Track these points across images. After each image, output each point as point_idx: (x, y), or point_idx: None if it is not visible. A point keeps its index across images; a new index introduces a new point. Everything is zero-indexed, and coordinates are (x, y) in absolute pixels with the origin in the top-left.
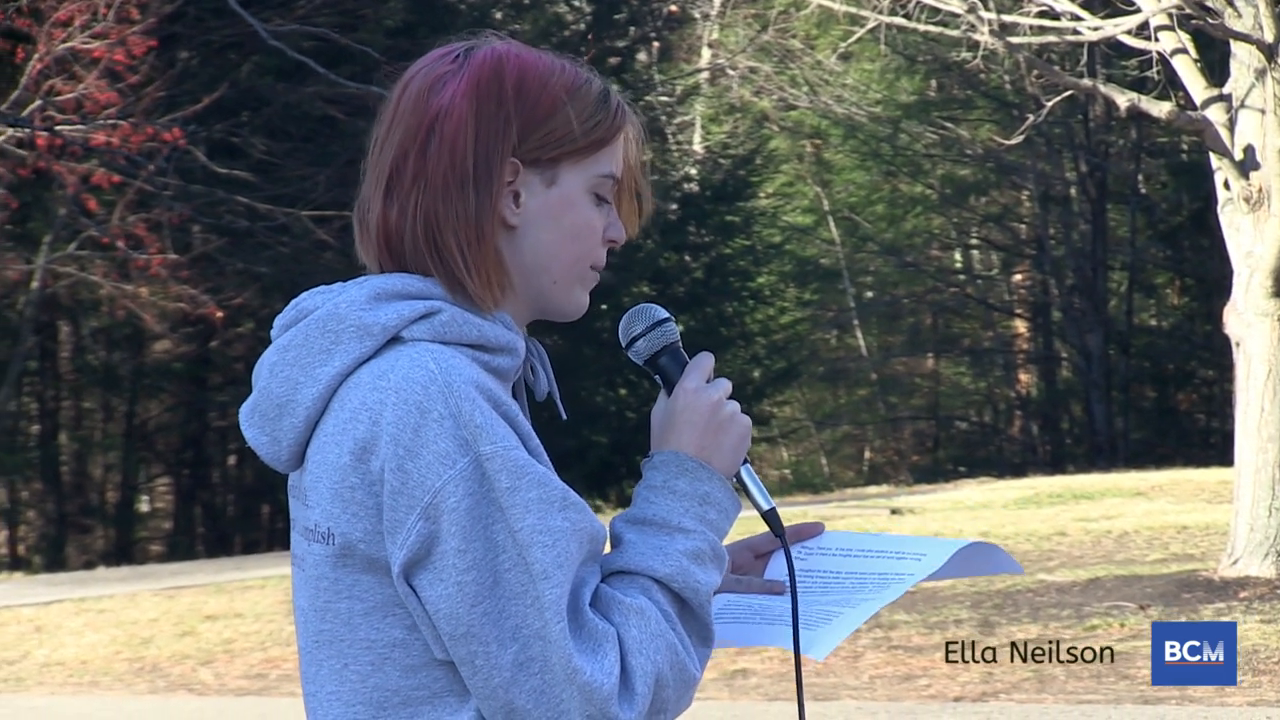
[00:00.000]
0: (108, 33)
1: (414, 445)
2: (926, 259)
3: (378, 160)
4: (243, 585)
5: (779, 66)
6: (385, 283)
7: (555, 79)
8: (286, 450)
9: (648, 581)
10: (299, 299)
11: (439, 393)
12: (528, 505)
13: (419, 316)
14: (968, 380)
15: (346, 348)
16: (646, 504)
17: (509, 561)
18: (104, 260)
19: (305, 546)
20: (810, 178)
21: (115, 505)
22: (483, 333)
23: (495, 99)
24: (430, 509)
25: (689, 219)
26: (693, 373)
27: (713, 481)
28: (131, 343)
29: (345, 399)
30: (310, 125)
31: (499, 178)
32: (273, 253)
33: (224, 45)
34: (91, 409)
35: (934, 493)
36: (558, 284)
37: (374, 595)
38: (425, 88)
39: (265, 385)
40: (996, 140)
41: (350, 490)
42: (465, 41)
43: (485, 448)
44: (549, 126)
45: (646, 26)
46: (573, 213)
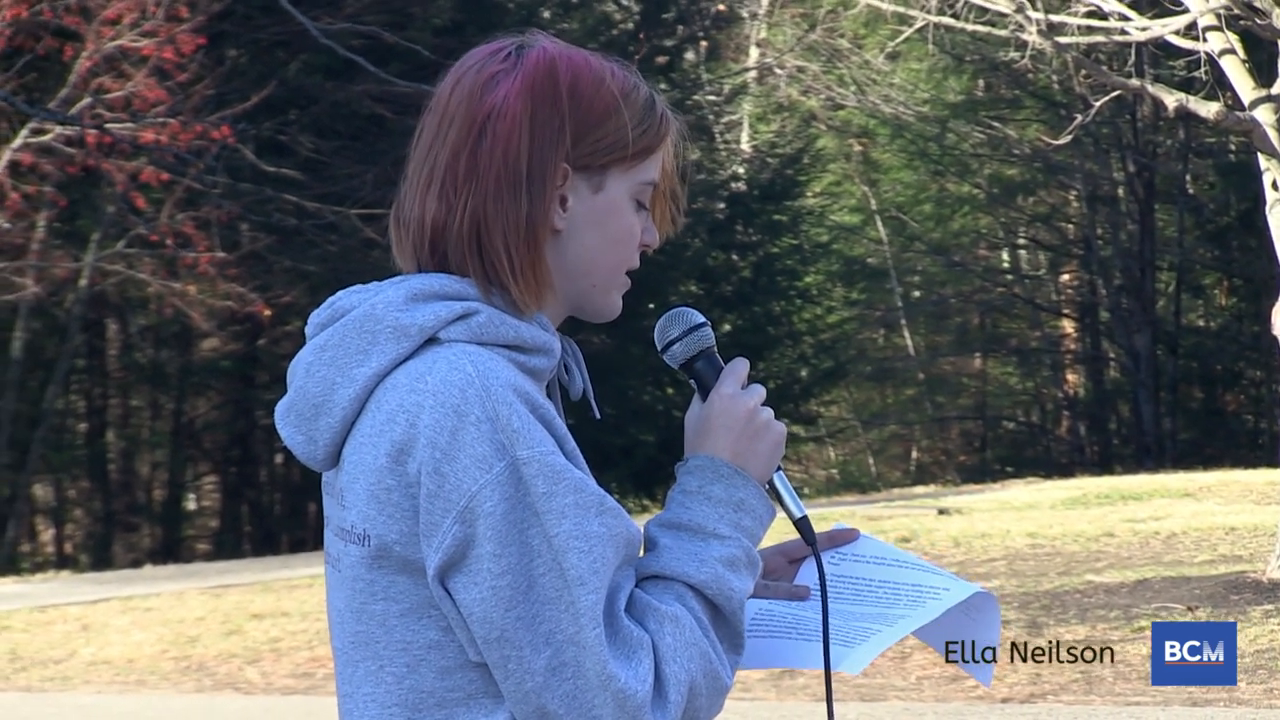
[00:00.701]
0: (156, 30)
1: (451, 448)
2: (974, 258)
3: (425, 157)
4: (289, 584)
5: (827, 65)
6: (422, 283)
7: (607, 84)
8: (323, 450)
9: (682, 588)
10: (335, 298)
11: (476, 396)
12: (564, 510)
13: (456, 317)
14: (1015, 380)
15: (383, 348)
16: (682, 509)
17: (543, 566)
18: (152, 258)
19: (341, 547)
20: (858, 177)
21: (162, 503)
22: (519, 333)
23: (550, 101)
24: (466, 512)
25: (736, 218)
26: (728, 378)
27: (748, 488)
28: (179, 340)
29: (382, 400)
30: (358, 123)
31: (551, 182)
32: (320, 251)
33: (272, 43)
34: (139, 407)
35: (981, 493)
36: (597, 288)
37: (410, 597)
38: (478, 86)
39: (302, 385)
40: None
41: (387, 492)
42: (514, 39)
43: (522, 452)
44: (601, 133)
45: (694, 25)
46: (616, 219)
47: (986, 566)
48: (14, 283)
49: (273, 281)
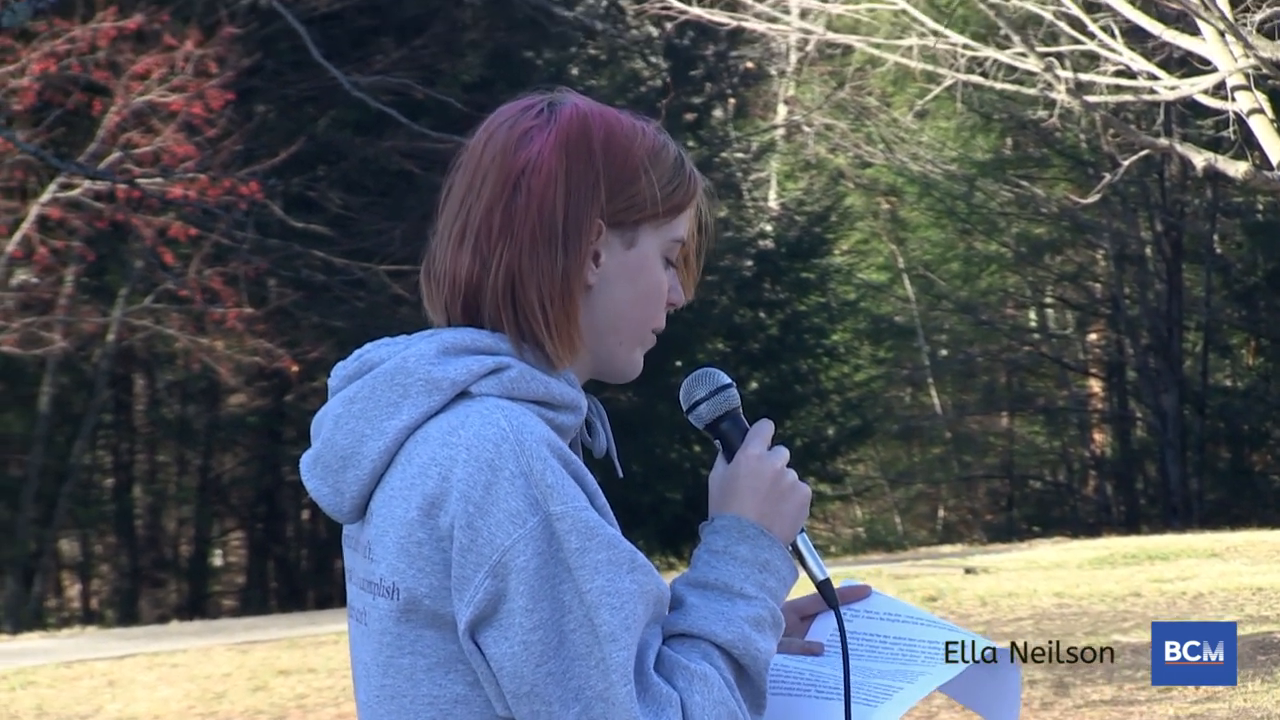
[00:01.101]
0: (185, 86)
1: (484, 502)
2: (1001, 317)
3: (457, 212)
4: (316, 640)
5: (855, 123)
6: (454, 337)
7: (639, 141)
8: (349, 502)
9: (709, 646)
10: (362, 351)
11: (511, 451)
12: (597, 566)
13: (488, 372)
14: (1042, 439)
15: (414, 401)
16: (708, 567)
17: (574, 622)
18: (180, 313)
19: (369, 600)
20: (885, 234)
21: (188, 559)
22: (549, 389)
23: (585, 157)
24: (499, 567)
25: (764, 275)
26: (755, 439)
27: (773, 549)
28: (206, 396)
29: (413, 453)
30: (387, 179)
31: (587, 237)
32: (349, 307)
33: (301, 99)
34: (166, 462)
35: (1008, 552)
36: (623, 345)
37: (437, 651)
38: (511, 140)
39: (329, 437)
40: (1072, 199)
41: (417, 545)
42: (544, 96)
43: (556, 507)
44: (634, 189)
45: (723, 83)
46: (646, 275)
47: (1013, 625)
48: (42, 337)
49: (300, 337)
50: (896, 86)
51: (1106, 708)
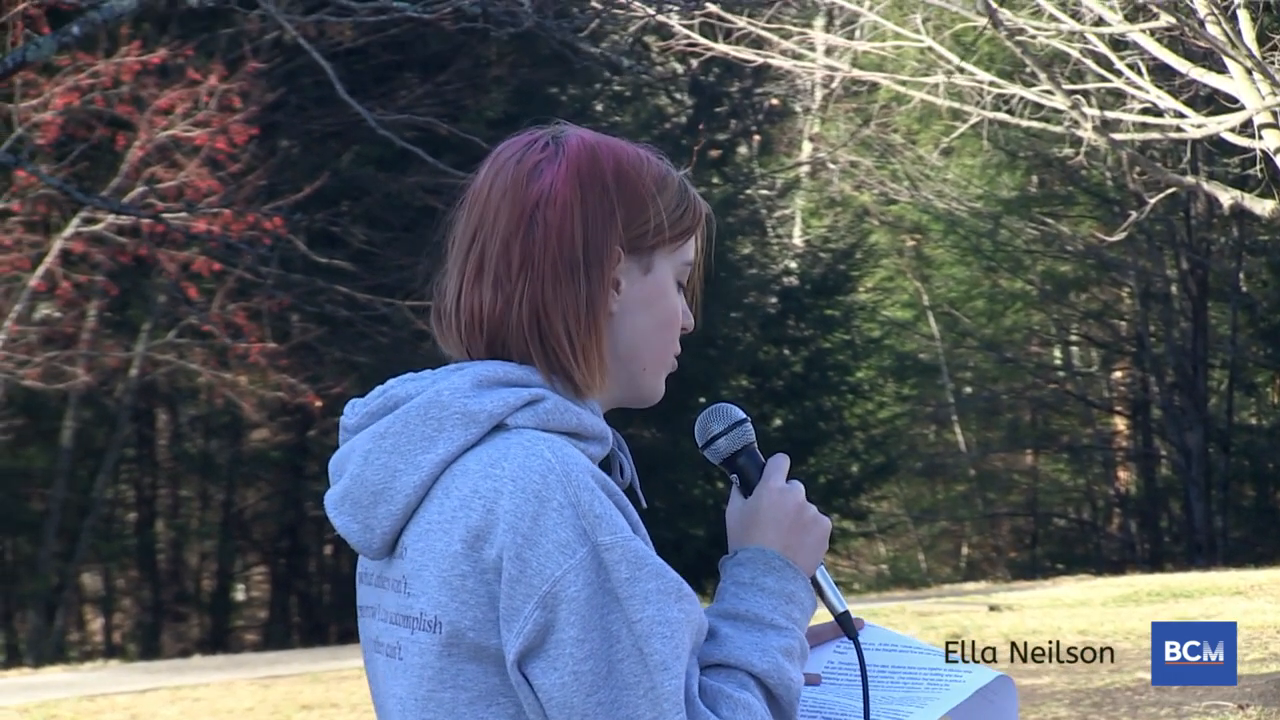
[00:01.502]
0: (209, 121)
1: (533, 534)
2: (1026, 355)
3: (468, 249)
4: (338, 675)
5: (880, 161)
6: (487, 370)
7: (646, 168)
8: (380, 538)
9: (745, 676)
10: (386, 386)
11: (558, 482)
12: (647, 596)
13: (524, 404)
14: (1066, 477)
15: (450, 435)
16: (736, 599)
17: (623, 652)
18: (203, 348)
19: (406, 635)
20: (910, 272)
21: (211, 593)
22: (581, 421)
23: (598, 186)
24: (548, 598)
25: (788, 312)
26: (775, 472)
27: (797, 580)
28: (229, 431)
29: (451, 487)
30: (410, 215)
31: (608, 264)
32: (371, 342)
33: (325, 134)
34: (188, 497)
35: (1032, 589)
36: (647, 371)
37: (479, 684)
38: (521, 175)
39: (359, 472)
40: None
41: (461, 578)
42: (544, 130)
43: (604, 538)
44: (646, 215)
45: (748, 120)
46: (664, 300)
47: (1037, 663)
48: (64, 371)
49: (324, 373)
50: (922, 124)
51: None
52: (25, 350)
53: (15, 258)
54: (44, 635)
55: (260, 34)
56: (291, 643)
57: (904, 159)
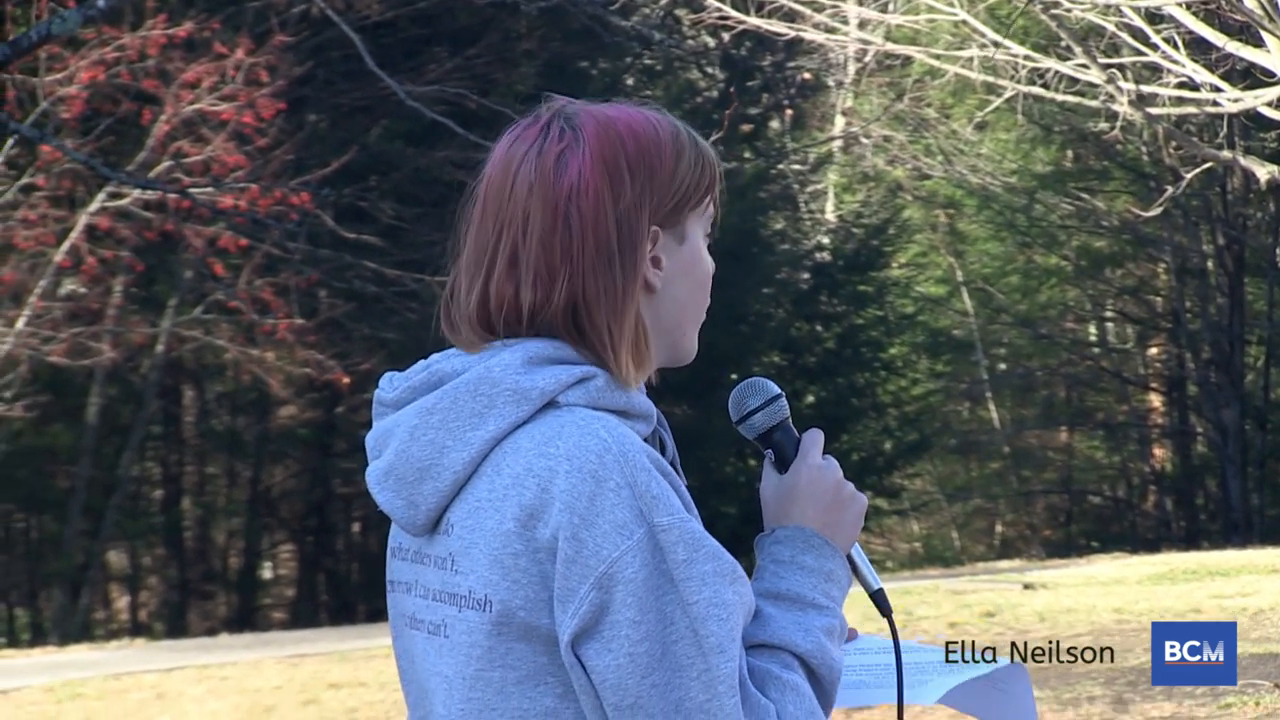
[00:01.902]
0: (236, 95)
1: (589, 514)
2: (1061, 331)
3: (499, 243)
4: (367, 654)
5: (913, 135)
6: (538, 347)
7: (661, 137)
8: (424, 515)
9: (790, 657)
10: (430, 361)
11: (615, 461)
12: (704, 578)
13: (575, 381)
14: (1101, 454)
15: (501, 412)
16: (776, 578)
17: (677, 634)
18: (230, 324)
19: (451, 614)
20: (944, 248)
21: (238, 571)
22: (630, 399)
23: (624, 169)
24: (605, 579)
25: (821, 288)
26: (812, 448)
27: (836, 559)
28: (256, 408)
29: (501, 464)
30: (439, 190)
31: (643, 247)
32: (400, 318)
33: (353, 109)
34: (215, 474)
35: (1066, 568)
36: (686, 335)
37: (527, 664)
38: (547, 168)
39: (404, 448)
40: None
41: (513, 557)
42: (546, 112)
43: (661, 519)
44: (674, 184)
45: (780, 94)
46: (700, 263)
47: (1071, 642)
48: (90, 348)
49: (351, 349)
50: (956, 98)
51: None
52: (50, 326)
53: (40, 233)
54: (69, 614)
55: (288, 7)
56: (319, 621)
57: (938, 134)
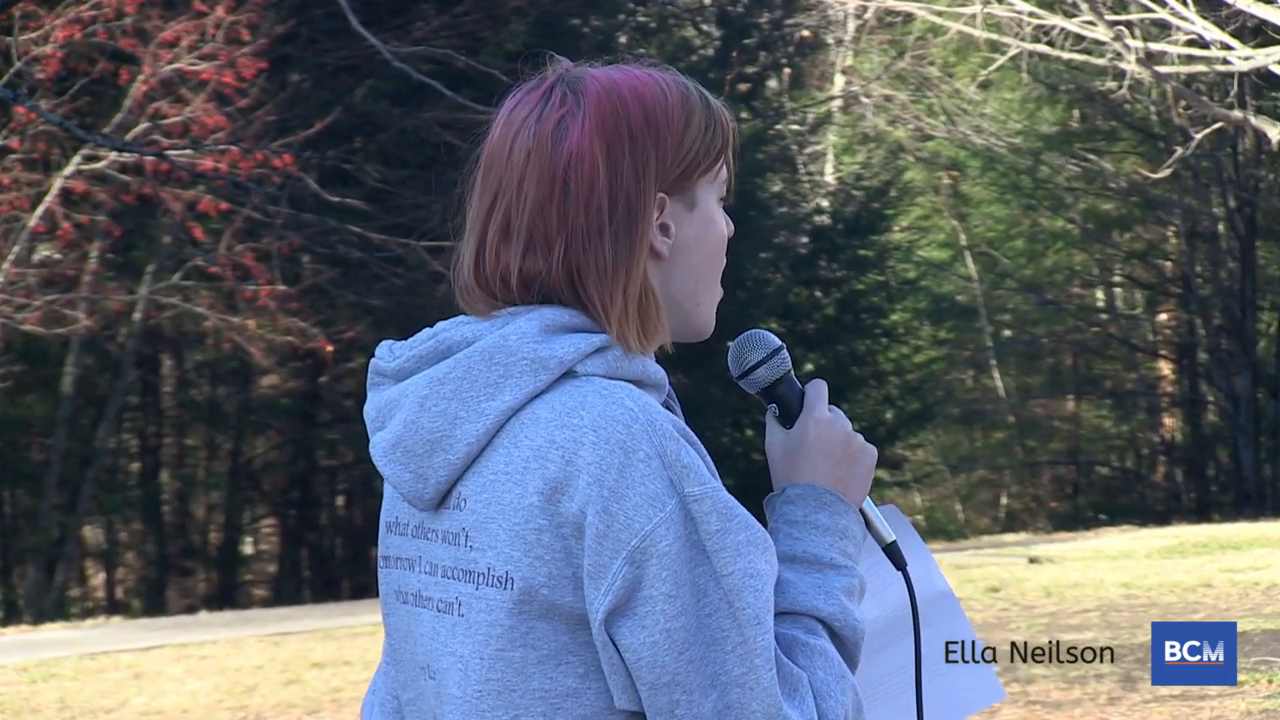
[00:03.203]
0: (216, 54)
1: (619, 487)
2: (1067, 297)
3: (492, 210)
4: (351, 631)
5: (915, 95)
6: (555, 315)
7: (670, 99)
8: (433, 488)
9: (813, 622)
10: (436, 330)
11: (643, 431)
12: (738, 548)
13: (594, 350)
14: (1109, 424)
15: (518, 381)
16: (792, 540)
17: (711, 606)
18: (210, 291)
19: (468, 591)
20: (947, 211)
21: (218, 547)
22: (645, 368)
23: (627, 135)
24: (637, 553)
25: (820, 253)
26: (819, 402)
27: (849, 515)
28: (237, 377)
29: (520, 436)
30: (426, 152)
31: (647, 215)
32: (386, 285)
33: (337, 68)
34: (194, 446)
35: (1073, 541)
36: (701, 306)
37: (548, 643)
38: (546, 135)
39: (414, 419)
40: (1142, 173)
41: (536, 533)
42: (552, 74)
43: (693, 489)
44: (681, 150)
45: (777, 52)
46: (713, 229)
47: (1079, 618)
48: (65, 316)
49: (336, 316)
50: (959, 56)
51: (1176, 703)
52: (24, 294)
53: (14, 197)
54: (44, 591)
55: None
56: (302, 598)
57: (940, 93)
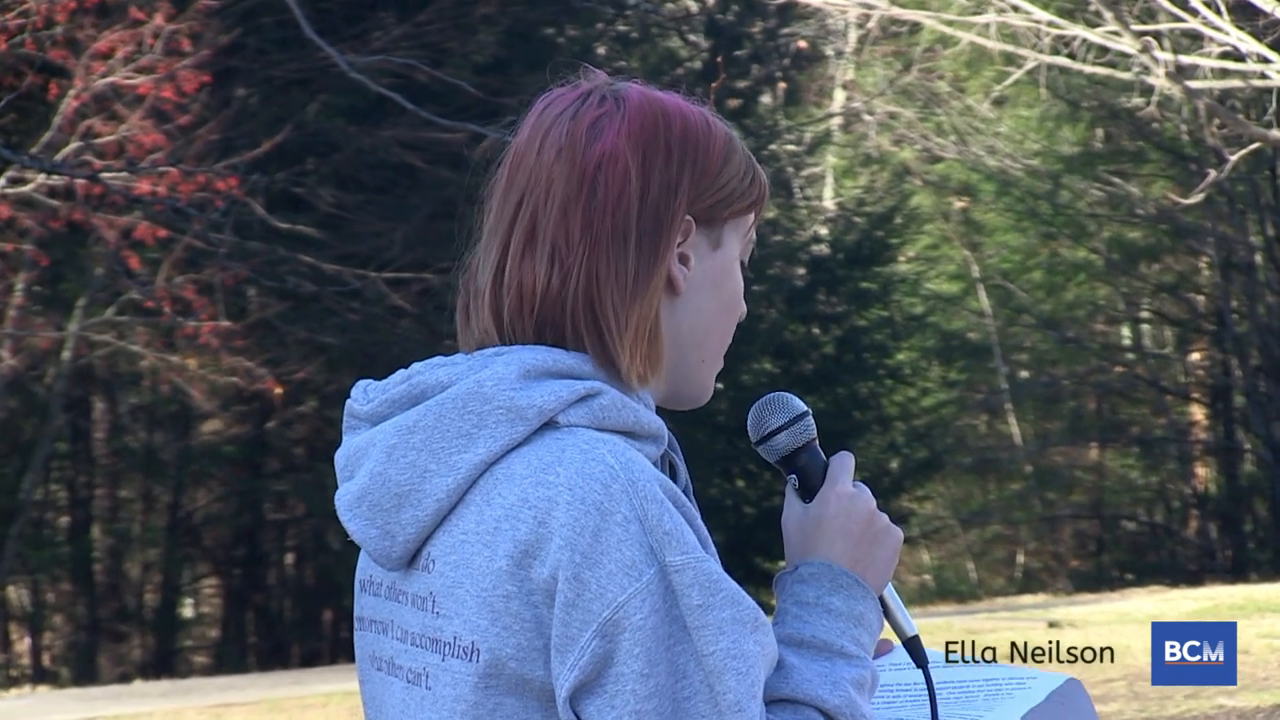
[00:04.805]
0: (155, 66)
1: (593, 552)
2: (1090, 334)
3: (515, 216)
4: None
5: (923, 112)
6: (535, 357)
7: (713, 130)
8: (401, 547)
9: (815, 713)
10: (410, 372)
11: (622, 491)
12: (721, 626)
13: (578, 398)
14: (1137, 474)
15: (493, 432)
16: (801, 622)
17: (690, 689)
18: (147, 327)
19: (434, 662)
20: (958, 240)
21: (155, 609)
22: (638, 418)
23: (664, 146)
24: (609, 625)
25: (818, 285)
26: (843, 474)
27: (867, 600)
28: (177, 422)
29: (493, 493)
30: (386, 174)
31: (672, 235)
32: (341, 320)
33: (287, 82)
34: (129, 498)
35: (1097, 603)
36: (705, 363)
37: (516, 719)
38: (580, 132)
39: (380, 470)
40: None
41: (504, 600)
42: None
43: (674, 557)
44: (719, 181)
45: (772, 65)
46: (731, 280)
47: (1103, 688)
48: None
49: (285, 355)
50: (971, 70)
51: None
52: None
53: None
54: None
55: None
56: (247, 666)
57: (950, 110)
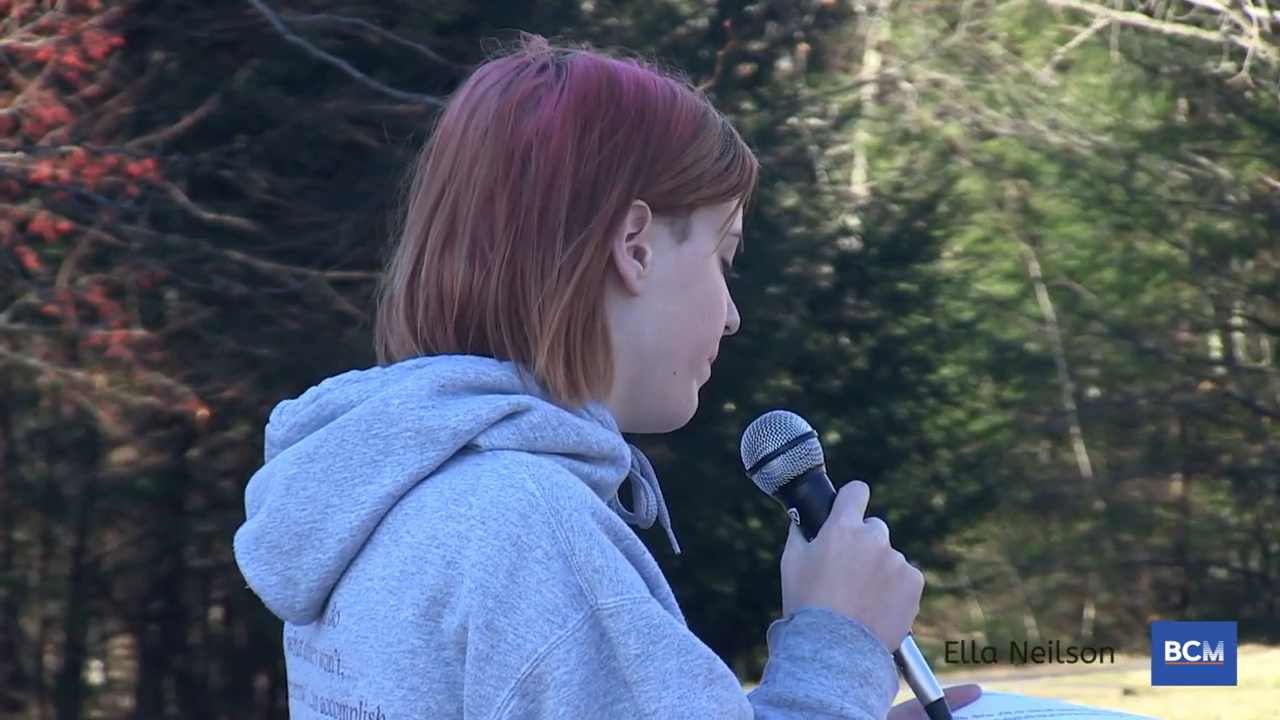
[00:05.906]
0: (56, 27)
1: (508, 595)
2: (1172, 344)
3: (435, 206)
4: None
5: (972, 79)
6: (451, 369)
7: (680, 101)
8: (305, 596)
9: None
10: (320, 390)
11: (542, 523)
12: (665, 679)
13: (501, 417)
14: (1228, 511)
15: (400, 459)
16: (794, 680)
17: None
18: (46, 336)
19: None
20: (1014, 232)
21: (57, 674)
22: (582, 436)
23: (612, 119)
24: (530, 681)
25: (847, 286)
26: (849, 505)
27: (875, 654)
28: (82, 450)
29: (401, 530)
30: (330, 154)
31: (610, 224)
32: (277, 328)
33: (213, 45)
34: (26, 541)
35: None
36: (678, 375)
37: None
38: (509, 107)
39: (279, 506)
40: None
41: (410, 656)
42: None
43: (607, 600)
44: (681, 161)
45: (791, 24)
46: (705, 280)
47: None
48: None
49: (211, 369)
50: (1029, 29)
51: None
52: None
53: None
54: None
55: None
56: None
57: (1004, 77)
